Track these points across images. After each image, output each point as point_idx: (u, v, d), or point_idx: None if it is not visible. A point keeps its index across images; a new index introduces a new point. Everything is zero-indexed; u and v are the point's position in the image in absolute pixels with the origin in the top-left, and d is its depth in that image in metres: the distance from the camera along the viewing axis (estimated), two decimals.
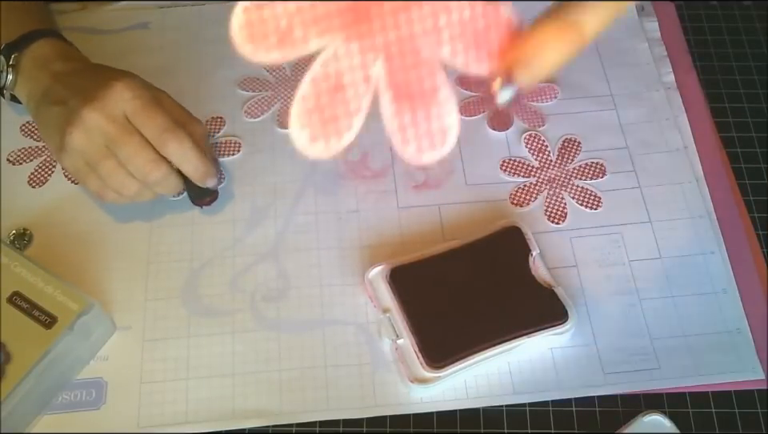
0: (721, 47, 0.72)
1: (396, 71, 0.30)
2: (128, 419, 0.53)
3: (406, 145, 0.31)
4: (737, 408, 0.53)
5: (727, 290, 0.58)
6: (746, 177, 0.63)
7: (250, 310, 0.57)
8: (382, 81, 0.30)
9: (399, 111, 0.30)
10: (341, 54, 0.30)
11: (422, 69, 0.30)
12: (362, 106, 0.31)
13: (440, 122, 0.31)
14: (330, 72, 0.30)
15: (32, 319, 0.51)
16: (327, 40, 0.30)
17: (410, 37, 0.30)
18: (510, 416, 0.53)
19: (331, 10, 0.30)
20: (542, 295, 0.55)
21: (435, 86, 0.31)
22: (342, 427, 0.53)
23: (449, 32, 0.30)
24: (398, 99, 0.30)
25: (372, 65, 0.30)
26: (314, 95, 0.30)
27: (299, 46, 0.30)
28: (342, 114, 0.30)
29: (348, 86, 0.30)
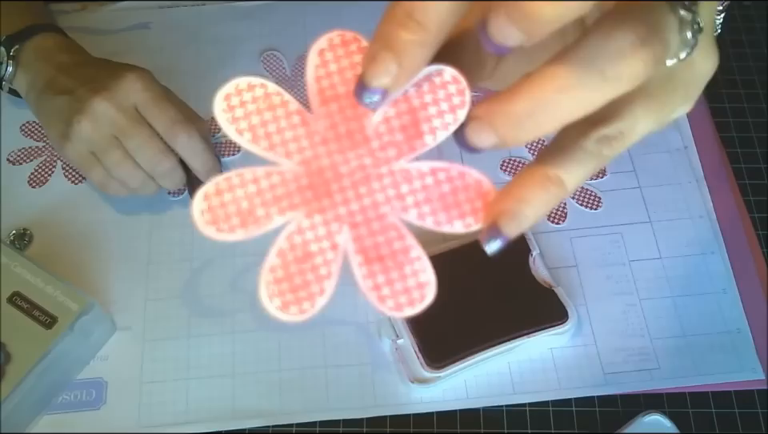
0: (721, 47, 0.71)
1: (363, 237, 0.31)
2: (128, 419, 0.53)
3: (383, 303, 0.31)
4: (737, 408, 0.53)
5: (727, 290, 0.58)
6: (745, 177, 0.63)
7: (250, 310, 0.57)
8: (350, 246, 0.31)
9: (371, 273, 0.31)
10: (305, 226, 0.31)
11: (389, 232, 0.31)
12: (332, 271, 0.31)
13: (415, 279, 0.31)
14: (297, 243, 0.31)
15: (32, 319, 0.51)
16: (289, 216, 0.31)
17: (373, 205, 0.31)
18: (510, 416, 0.53)
19: (291, 189, 0.31)
20: (542, 295, 0.55)
21: (405, 246, 0.31)
22: (342, 428, 0.53)
23: (413, 198, 0.31)
24: (368, 263, 0.31)
25: (338, 233, 0.31)
26: (282, 266, 0.31)
27: (263, 224, 0.31)
28: (313, 280, 0.31)
29: (316, 254, 0.31)
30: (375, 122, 0.31)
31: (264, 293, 0.31)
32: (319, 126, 0.32)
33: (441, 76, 0.30)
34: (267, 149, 0.32)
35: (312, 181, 0.31)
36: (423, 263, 0.32)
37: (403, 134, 0.31)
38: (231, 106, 0.32)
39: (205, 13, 0.73)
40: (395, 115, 0.31)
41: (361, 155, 0.31)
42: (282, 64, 0.70)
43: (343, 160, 0.31)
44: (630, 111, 0.31)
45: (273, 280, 0.31)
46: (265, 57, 0.70)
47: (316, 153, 0.31)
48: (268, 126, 0.32)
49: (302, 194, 0.31)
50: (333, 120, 0.31)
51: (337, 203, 0.31)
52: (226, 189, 0.31)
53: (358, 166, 0.31)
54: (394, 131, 0.31)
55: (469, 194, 0.32)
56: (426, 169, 0.32)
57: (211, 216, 0.31)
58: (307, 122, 0.32)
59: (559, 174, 0.31)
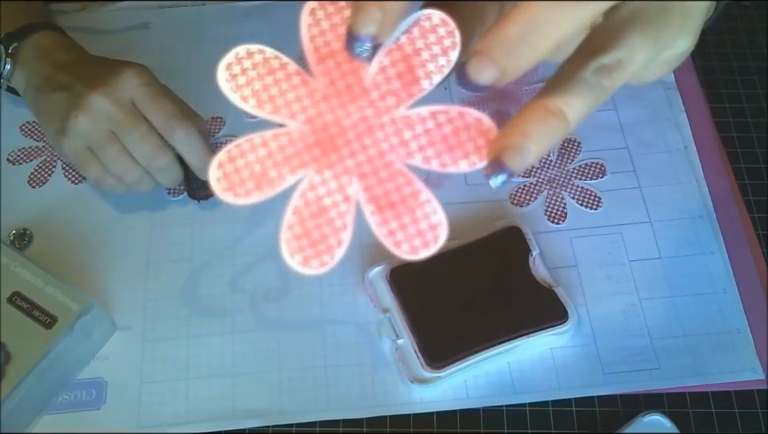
0: (721, 47, 0.71)
1: (373, 187, 0.32)
2: (128, 419, 0.53)
3: (398, 247, 0.33)
4: (737, 408, 0.53)
5: (727, 290, 0.58)
6: (745, 177, 0.63)
7: (250, 310, 0.57)
8: (361, 197, 0.32)
9: (384, 220, 0.32)
10: (316, 182, 0.32)
11: (397, 179, 0.32)
12: (347, 223, 0.32)
13: (427, 221, 0.32)
14: (310, 199, 0.33)
15: (32, 319, 0.51)
16: (301, 174, 0.32)
17: (379, 154, 0.32)
18: (510, 416, 0.53)
19: (299, 148, 0.32)
20: (542, 295, 0.55)
21: (414, 191, 0.32)
22: (342, 428, 0.53)
23: (416, 143, 0.32)
24: (380, 210, 0.32)
25: (348, 185, 0.32)
26: (299, 223, 0.33)
27: (276, 185, 0.33)
28: (330, 233, 0.32)
29: (329, 207, 0.32)
30: (372, 74, 0.32)
31: (285, 250, 0.33)
32: (319, 83, 0.33)
33: (429, 20, 0.31)
34: (272, 112, 0.33)
35: (318, 138, 0.32)
36: (433, 205, 0.32)
37: (400, 81, 0.32)
38: (233, 75, 0.34)
39: (205, 13, 0.73)
40: (390, 64, 0.32)
41: (362, 107, 0.32)
42: None
43: (345, 114, 0.32)
44: (628, 40, 0.32)
45: (292, 237, 0.33)
46: None
47: (319, 110, 0.33)
48: (270, 89, 0.33)
49: (310, 152, 0.32)
50: (331, 76, 0.33)
51: (344, 157, 0.32)
52: (238, 155, 0.33)
53: (360, 118, 0.32)
54: (390, 80, 0.32)
55: (470, 133, 0.32)
56: (425, 113, 0.32)
57: (227, 183, 0.32)
58: (307, 82, 0.33)
59: (560, 106, 0.32)
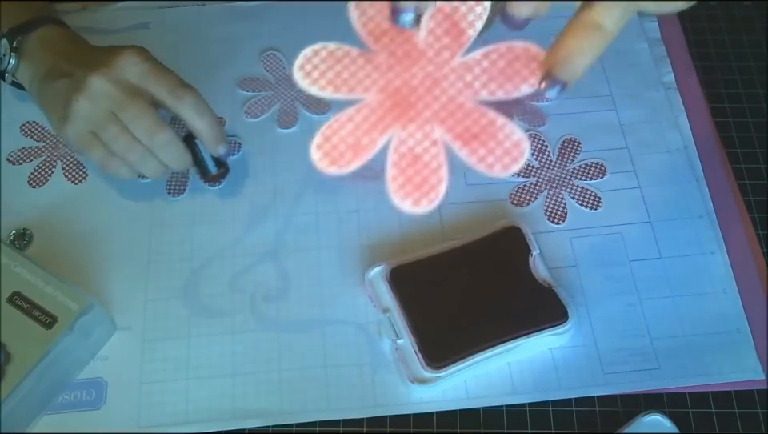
0: (721, 47, 0.72)
1: (453, 127, 0.37)
2: (128, 419, 0.53)
3: (491, 169, 0.37)
4: (737, 408, 0.53)
5: (727, 290, 0.58)
6: (745, 177, 0.63)
7: (250, 310, 0.57)
8: (447, 138, 0.37)
9: (473, 150, 0.37)
10: (404, 137, 0.38)
11: (472, 114, 0.37)
12: (441, 162, 0.37)
13: (510, 141, 0.37)
14: (403, 151, 0.38)
15: (32, 319, 0.51)
16: (388, 134, 0.38)
17: (450, 100, 0.37)
18: (510, 416, 0.53)
19: (381, 113, 0.38)
20: (542, 295, 0.55)
21: (490, 119, 0.37)
22: (342, 428, 0.53)
23: (479, 82, 0.37)
24: (466, 144, 0.37)
25: (432, 132, 0.37)
26: (401, 173, 0.38)
27: (370, 148, 0.38)
28: (429, 174, 0.37)
29: (422, 153, 0.37)
30: (423, 37, 0.38)
31: (396, 199, 0.38)
32: (381, 58, 0.38)
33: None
34: (349, 92, 0.38)
35: (394, 101, 0.37)
36: (511, 127, 0.37)
37: (448, 36, 0.37)
38: (308, 73, 0.38)
39: (205, 13, 0.73)
40: (436, 25, 0.37)
41: (423, 66, 0.38)
42: (282, 64, 0.70)
43: (411, 76, 0.38)
44: None
45: (398, 187, 0.38)
46: (265, 56, 0.70)
47: (387, 79, 0.38)
48: (342, 75, 0.38)
49: (390, 114, 0.37)
50: (389, 50, 0.38)
51: (421, 110, 0.37)
52: (331, 134, 0.38)
53: (425, 75, 0.38)
54: (440, 38, 0.37)
55: (522, 61, 0.37)
56: (478, 56, 0.38)
57: (329, 159, 0.38)
58: (371, 59, 0.38)
59: (596, 19, 0.37)
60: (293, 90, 0.68)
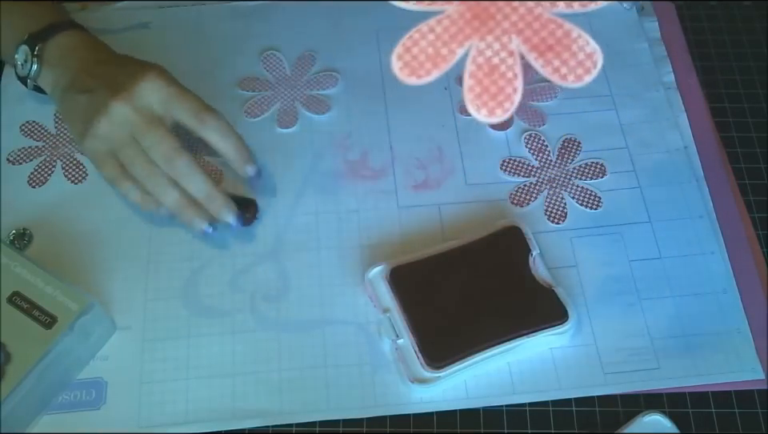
0: (721, 47, 0.72)
1: (530, 38, 0.38)
2: (128, 419, 0.53)
3: (564, 79, 0.38)
4: (737, 408, 0.53)
5: (727, 290, 0.58)
6: (745, 177, 0.64)
7: (250, 310, 0.57)
8: (523, 48, 0.38)
9: (548, 61, 0.38)
10: (482, 48, 0.38)
11: (549, 26, 0.38)
12: (516, 72, 0.38)
13: (584, 52, 0.38)
14: (481, 62, 0.38)
15: (32, 319, 0.51)
16: (467, 45, 0.38)
17: (527, 11, 0.38)
18: (510, 416, 0.53)
19: (461, 24, 0.38)
20: (542, 295, 0.55)
21: (566, 31, 0.38)
22: (342, 428, 0.53)
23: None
24: (542, 54, 0.38)
25: (509, 43, 0.38)
26: (477, 83, 0.38)
27: (449, 59, 0.38)
28: (505, 84, 0.38)
29: (499, 64, 0.38)
30: None
31: (472, 108, 0.39)
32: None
33: None
34: (430, 3, 0.38)
35: (474, 12, 0.38)
36: (585, 38, 0.38)
37: None
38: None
39: (205, 13, 0.73)
40: None
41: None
42: (282, 64, 0.70)
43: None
44: None
45: (474, 97, 0.38)
46: (265, 56, 0.70)
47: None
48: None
49: (470, 25, 0.38)
50: None
51: (499, 21, 0.38)
52: (412, 45, 0.38)
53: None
54: None
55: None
56: None
57: (408, 69, 0.38)
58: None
59: None
60: (293, 90, 0.68)
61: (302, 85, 0.69)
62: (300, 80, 0.69)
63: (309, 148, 0.65)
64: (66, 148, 0.65)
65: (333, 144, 0.65)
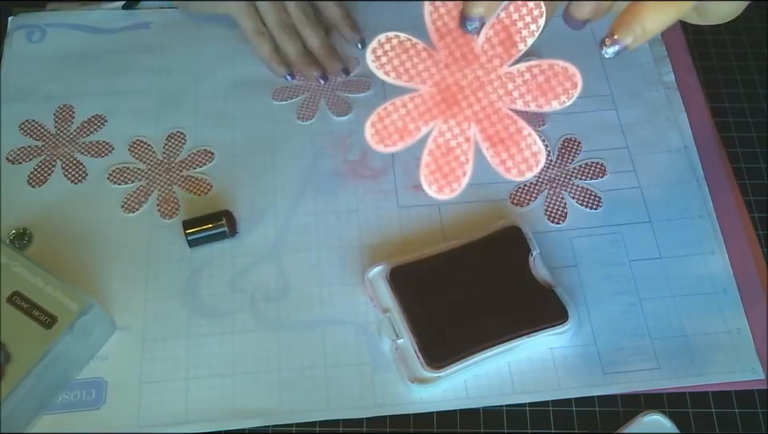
0: (721, 47, 0.72)
1: (486, 128, 0.42)
2: (128, 419, 0.53)
3: (509, 172, 0.42)
4: (737, 408, 0.53)
5: (727, 290, 0.58)
6: (745, 177, 0.63)
7: (250, 310, 0.57)
8: (479, 137, 0.42)
9: (497, 153, 0.42)
10: (444, 130, 0.42)
11: (505, 121, 0.42)
12: (469, 158, 0.42)
13: (530, 150, 0.42)
14: (440, 142, 0.42)
15: (32, 319, 0.51)
16: (432, 125, 0.42)
17: (489, 104, 0.42)
18: (510, 416, 0.53)
19: (429, 105, 0.42)
20: (542, 295, 0.55)
21: (518, 128, 0.42)
22: (342, 428, 0.53)
23: (518, 92, 0.42)
24: (493, 146, 0.42)
25: (468, 130, 0.42)
26: (434, 161, 0.42)
27: (414, 135, 0.42)
28: (457, 166, 0.42)
29: (455, 147, 0.42)
30: (480, 44, 0.42)
31: (424, 183, 0.42)
32: (441, 55, 0.42)
33: None
34: (408, 80, 0.43)
35: (443, 96, 0.42)
36: (533, 138, 0.42)
37: (502, 47, 0.42)
38: (378, 57, 0.42)
39: (204, 13, 0.73)
40: (494, 35, 0.42)
41: (474, 69, 0.42)
42: None
43: (462, 76, 0.42)
44: None
45: (428, 173, 0.42)
46: None
47: (442, 75, 0.42)
48: (405, 64, 0.42)
49: (437, 107, 0.42)
50: (450, 49, 0.42)
51: (463, 108, 0.42)
52: (385, 116, 0.42)
53: (474, 78, 0.42)
54: (495, 46, 0.42)
55: (559, 79, 0.41)
56: (523, 68, 0.42)
57: (378, 137, 0.42)
58: (432, 55, 0.43)
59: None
60: (296, 89, 0.68)
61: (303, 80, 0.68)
62: None
63: (309, 148, 0.65)
64: (66, 148, 0.65)
65: (333, 144, 0.65)
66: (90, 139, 0.65)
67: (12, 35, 0.71)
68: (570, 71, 0.41)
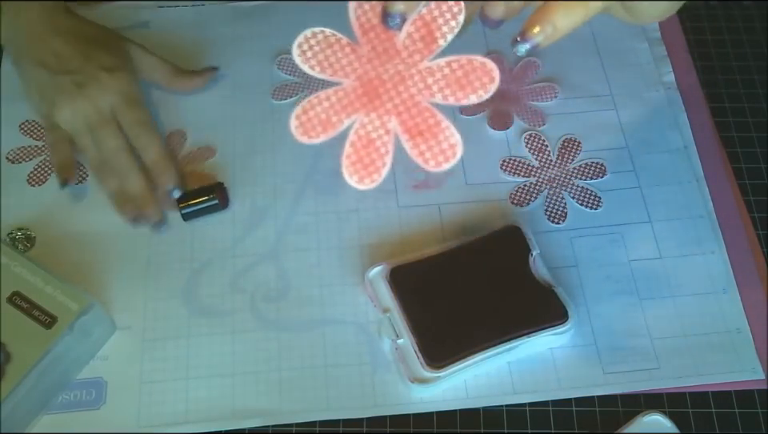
0: (721, 47, 0.72)
1: (406, 121, 0.43)
2: (128, 419, 0.53)
3: (427, 163, 0.43)
4: (737, 408, 0.53)
5: (727, 290, 0.58)
6: (745, 177, 0.63)
7: (250, 310, 0.57)
8: (398, 129, 0.43)
9: (416, 144, 0.43)
10: (365, 122, 0.43)
11: (424, 114, 0.43)
12: (389, 149, 0.43)
13: (447, 142, 0.43)
14: (362, 135, 0.43)
15: (32, 319, 0.51)
16: (354, 118, 0.43)
17: (409, 97, 0.43)
18: (510, 416, 0.53)
19: (352, 99, 0.43)
20: (542, 295, 0.55)
21: (437, 121, 0.43)
22: (342, 428, 0.53)
23: (437, 86, 0.43)
24: (412, 138, 0.43)
25: (388, 122, 0.43)
26: (354, 153, 0.43)
27: (337, 127, 0.43)
28: (377, 157, 0.43)
29: (376, 139, 0.43)
30: (402, 39, 0.43)
31: (345, 173, 0.43)
32: (364, 50, 0.44)
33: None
34: (332, 74, 0.44)
35: (365, 90, 0.43)
36: (451, 130, 0.43)
37: (422, 42, 0.43)
38: (303, 51, 0.44)
39: (205, 13, 0.73)
40: (414, 31, 0.43)
41: (396, 64, 0.43)
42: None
43: (384, 70, 0.43)
44: None
45: (349, 164, 0.43)
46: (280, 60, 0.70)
47: (365, 70, 0.43)
48: (329, 58, 0.44)
49: (359, 101, 0.43)
50: (372, 44, 0.43)
51: (384, 102, 0.43)
52: (309, 108, 0.43)
53: (395, 72, 0.43)
54: (416, 42, 0.43)
55: (477, 74, 0.42)
56: (442, 63, 0.43)
57: (303, 129, 0.43)
58: (355, 50, 0.44)
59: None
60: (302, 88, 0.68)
61: None
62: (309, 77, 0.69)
63: (309, 148, 0.65)
64: None
65: (333, 144, 0.65)
66: None
67: None
68: (488, 66, 0.42)
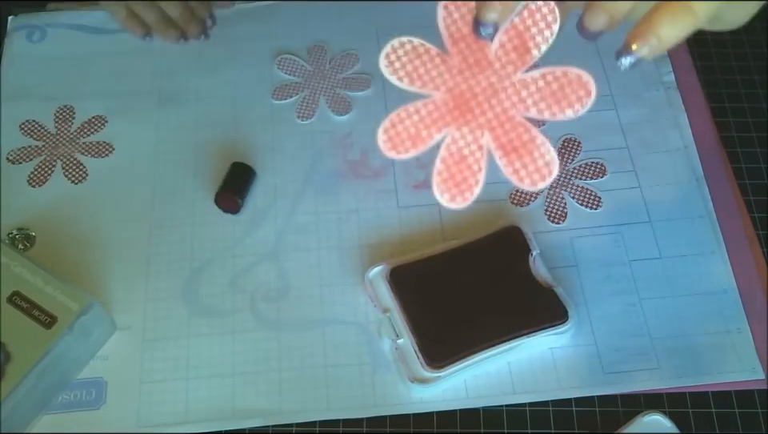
0: (721, 47, 0.71)
1: (500, 137, 0.41)
2: (128, 419, 0.53)
3: (522, 182, 0.41)
4: (737, 408, 0.53)
5: (727, 290, 0.58)
6: (745, 177, 0.63)
7: (250, 310, 0.57)
8: (491, 145, 0.41)
9: (510, 162, 0.41)
10: (457, 137, 0.41)
11: (518, 129, 0.41)
12: (481, 166, 0.41)
13: (543, 159, 0.41)
14: (453, 151, 0.41)
15: (32, 319, 0.51)
16: (445, 132, 0.41)
17: (503, 111, 0.41)
18: (510, 416, 0.53)
19: (443, 111, 0.41)
20: (542, 295, 0.55)
21: (532, 137, 0.41)
22: (342, 427, 0.53)
23: (531, 99, 0.41)
24: (506, 154, 0.41)
25: (481, 137, 0.41)
26: (446, 168, 0.41)
27: (427, 142, 0.41)
28: (470, 175, 0.41)
29: (468, 156, 0.41)
30: (494, 50, 0.41)
31: (436, 191, 0.41)
32: (454, 61, 0.42)
33: (535, 3, 0.40)
34: (421, 86, 0.42)
35: (456, 103, 0.41)
36: (547, 146, 0.41)
37: (516, 53, 0.41)
38: (391, 62, 0.42)
39: None
40: (507, 41, 0.41)
41: (488, 76, 0.41)
42: (299, 63, 0.70)
43: (476, 83, 0.41)
44: None
45: (440, 181, 0.41)
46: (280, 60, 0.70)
47: (456, 82, 0.42)
48: (419, 69, 0.42)
49: (450, 114, 0.41)
50: (463, 55, 0.41)
51: (477, 116, 0.41)
52: (398, 122, 0.41)
53: (488, 84, 0.41)
54: (509, 53, 0.41)
55: (573, 87, 0.40)
56: (537, 75, 0.41)
57: (391, 144, 0.41)
58: (445, 61, 0.42)
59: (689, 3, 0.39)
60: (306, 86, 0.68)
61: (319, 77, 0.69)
62: (317, 75, 0.69)
63: (309, 148, 0.65)
64: (66, 148, 0.65)
65: (333, 144, 0.65)
66: (91, 139, 0.65)
67: (12, 35, 0.71)
68: (584, 78, 0.40)
